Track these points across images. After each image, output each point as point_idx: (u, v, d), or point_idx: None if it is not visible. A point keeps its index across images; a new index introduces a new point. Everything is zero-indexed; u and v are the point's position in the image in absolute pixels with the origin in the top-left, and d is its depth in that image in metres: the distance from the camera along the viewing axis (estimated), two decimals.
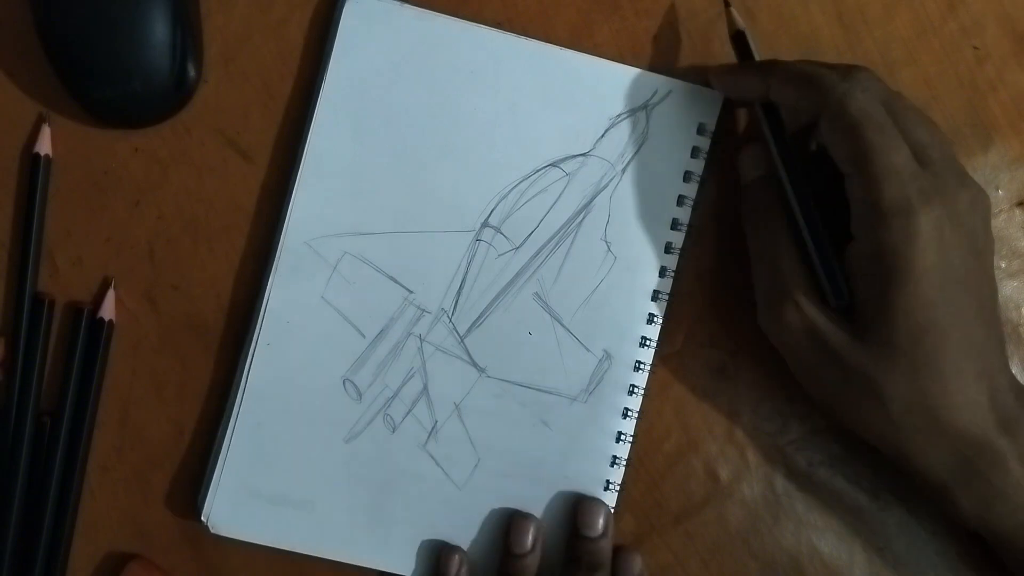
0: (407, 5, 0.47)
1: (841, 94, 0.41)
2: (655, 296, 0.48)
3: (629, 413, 0.48)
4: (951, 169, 0.42)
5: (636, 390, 0.48)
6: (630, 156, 0.48)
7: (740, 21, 0.47)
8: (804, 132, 0.46)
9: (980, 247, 0.42)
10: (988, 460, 0.41)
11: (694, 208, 0.48)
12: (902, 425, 0.42)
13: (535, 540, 0.47)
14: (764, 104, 0.45)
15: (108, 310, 0.48)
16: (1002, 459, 0.41)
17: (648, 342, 0.48)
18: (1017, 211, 0.50)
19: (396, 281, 0.48)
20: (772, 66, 0.44)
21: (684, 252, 0.49)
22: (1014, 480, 0.41)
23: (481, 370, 0.48)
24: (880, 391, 0.41)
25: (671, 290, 0.48)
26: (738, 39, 0.46)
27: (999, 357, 0.43)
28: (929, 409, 0.41)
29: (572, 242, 0.48)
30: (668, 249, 0.48)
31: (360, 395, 0.48)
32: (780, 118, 0.45)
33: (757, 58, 0.46)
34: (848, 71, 0.42)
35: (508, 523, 0.48)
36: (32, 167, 0.47)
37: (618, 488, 0.48)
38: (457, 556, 0.47)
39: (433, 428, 0.48)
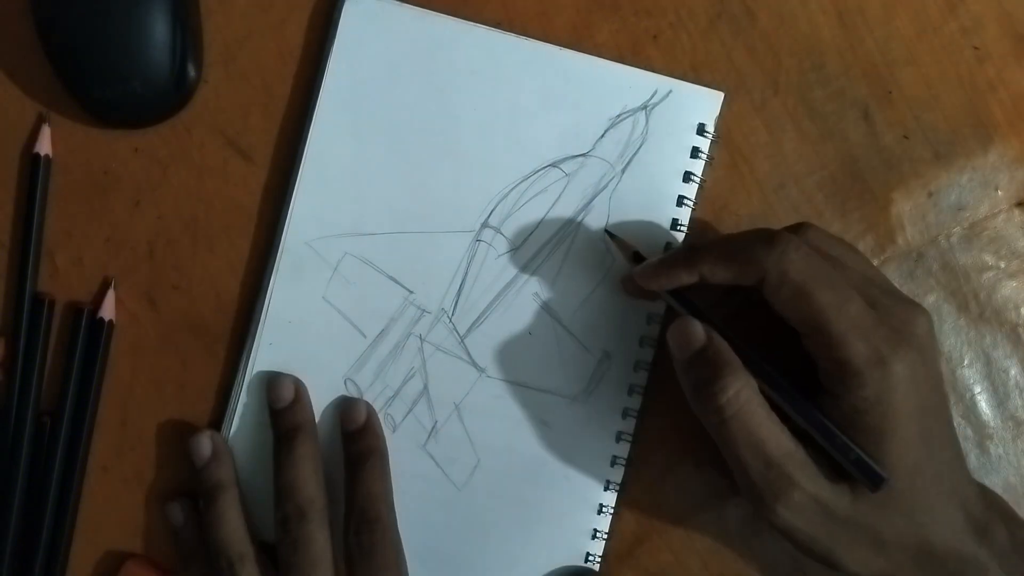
0: (407, 5, 0.47)
1: (777, 261, 0.40)
2: (655, 296, 0.48)
3: (629, 413, 0.48)
4: (894, 298, 0.42)
5: (636, 390, 0.48)
6: (630, 156, 0.48)
7: (625, 242, 0.46)
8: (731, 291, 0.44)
9: (937, 368, 0.42)
10: (972, 572, 0.42)
11: (694, 208, 0.48)
12: (898, 559, 0.42)
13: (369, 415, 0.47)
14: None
15: (108, 310, 0.48)
16: (983, 568, 0.42)
17: (648, 342, 0.48)
18: (1017, 211, 0.50)
19: (396, 281, 0.48)
20: (697, 254, 0.43)
21: None
22: None
23: (481, 370, 0.48)
24: (880, 535, 0.42)
25: None
26: (636, 258, 0.46)
27: (962, 469, 0.44)
28: (923, 541, 0.42)
29: (572, 242, 0.48)
30: (668, 249, 0.48)
31: (361, 395, 0.48)
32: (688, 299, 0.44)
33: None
34: (771, 237, 0.41)
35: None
36: (32, 167, 0.47)
37: (618, 488, 0.48)
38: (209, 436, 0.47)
39: (433, 428, 0.48)
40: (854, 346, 0.39)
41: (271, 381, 0.47)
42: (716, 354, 0.41)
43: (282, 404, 0.47)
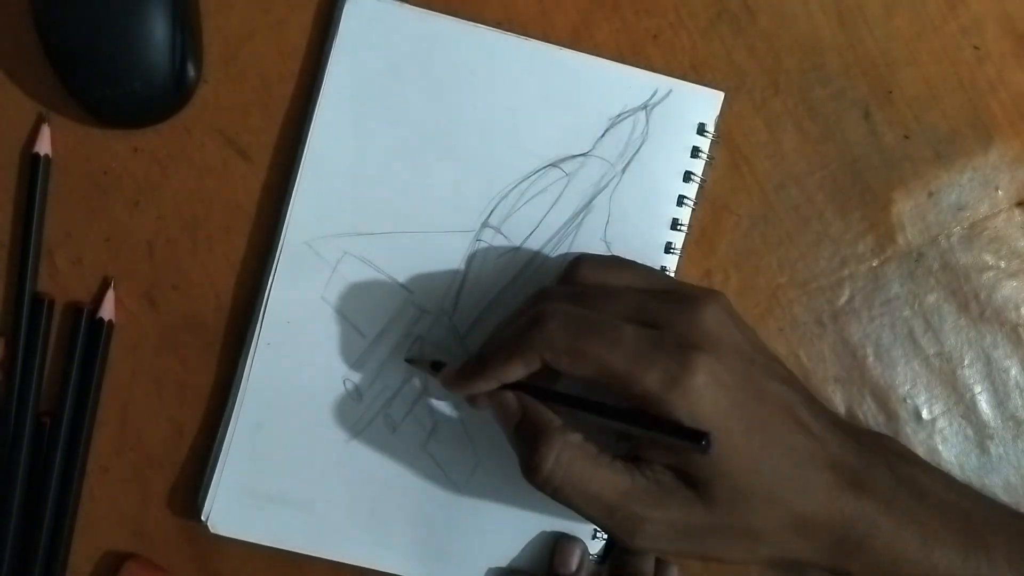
0: (407, 5, 0.47)
1: (543, 342, 0.40)
2: None
3: None
4: (672, 301, 0.41)
5: None
6: (630, 156, 0.48)
7: (422, 360, 0.47)
8: None
9: (741, 349, 0.41)
10: (859, 530, 0.41)
11: (694, 208, 0.48)
12: (779, 539, 0.41)
13: (580, 563, 0.47)
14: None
15: (108, 310, 0.48)
16: (871, 520, 0.41)
17: None
18: (1017, 211, 0.50)
19: (396, 281, 0.48)
20: (485, 364, 0.42)
21: (684, 252, 0.49)
22: (888, 535, 0.41)
23: None
24: (749, 526, 0.40)
25: None
26: (436, 366, 0.45)
27: (816, 426, 0.42)
28: (795, 515, 0.40)
29: (572, 242, 0.48)
30: (668, 249, 0.48)
31: (360, 395, 0.48)
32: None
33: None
34: (530, 321, 0.40)
35: (554, 544, 0.48)
36: (32, 167, 0.47)
37: None
38: (579, 548, 0.48)
39: (433, 428, 0.48)
40: (643, 378, 0.39)
41: (559, 545, 0.48)
42: (531, 424, 0.41)
43: (566, 572, 0.47)
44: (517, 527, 0.48)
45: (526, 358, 0.41)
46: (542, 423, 0.41)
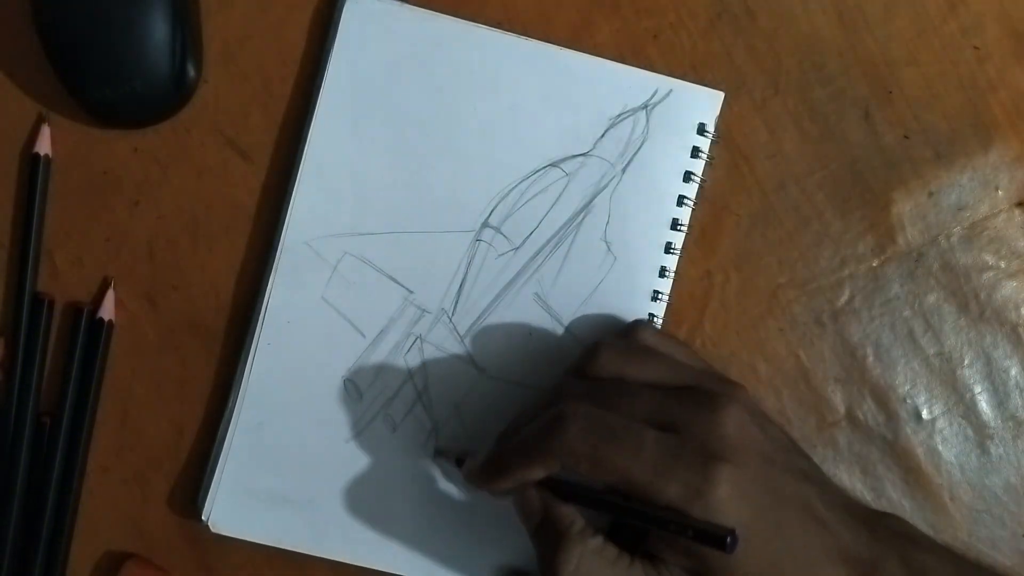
0: (407, 5, 0.47)
1: (562, 448, 0.40)
2: (655, 296, 0.48)
3: None
4: (692, 402, 0.41)
5: None
6: (630, 156, 0.48)
7: (448, 450, 0.47)
8: None
9: (766, 446, 0.41)
10: None
11: (694, 208, 0.48)
12: None
13: None
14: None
15: (108, 310, 0.48)
16: None
17: None
18: (1017, 211, 0.50)
19: (396, 281, 0.48)
20: (506, 464, 0.42)
21: (684, 252, 0.49)
22: None
23: (481, 370, 0.48)
24: None
25: (671, 290, 0.48)
26: (459, 462, 0.46)
27: (830, 520, 0.42)
28: None
29: (572, 242, 0.48)
30: (668, 249, 0.48)
31: (360, 395, 0.48)
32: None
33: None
34: (549, 424, 0.40)
35: None
36: (32, 167, 0.47)
37: None
38: None
39: (433, 428, 0.48)
40: (665, 490, 0.39)
41: None
42: (552, 526, 0.41)
43: None
44: (517, 527, 0.48)
45: (546, 462, 0.41)
46: (563, 525, 0.41)
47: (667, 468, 0.39)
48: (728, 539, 0.37)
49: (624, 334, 0.46)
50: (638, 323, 0.47)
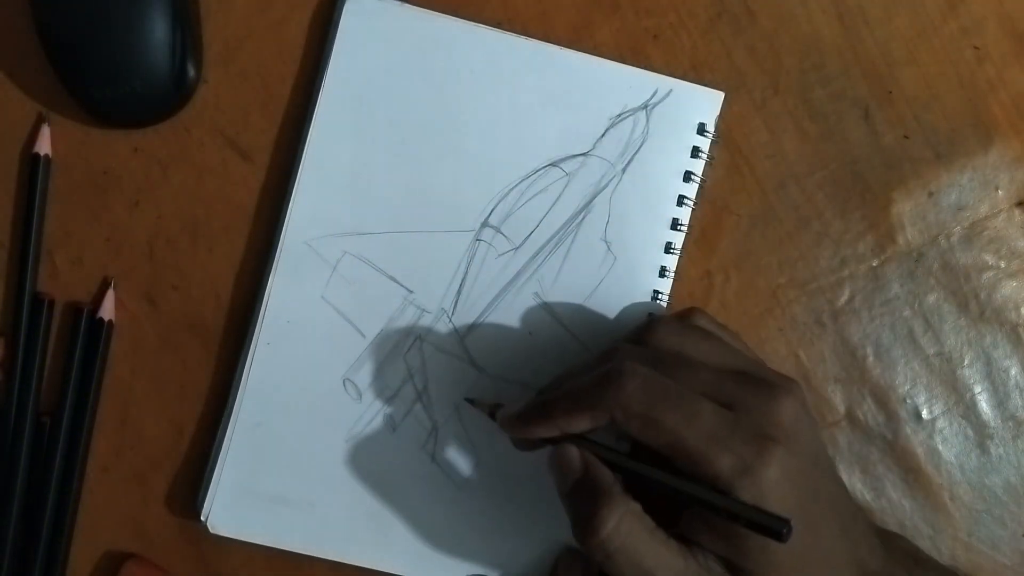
0: (407, 5, 0.47)
1: (617, 401, 0.39)
2: (655, 296, 0.48)
3: None
4: (753, 386, 0.40)
5: None
6: (630, 156, 0.48)
7: (483, 402, 0.46)
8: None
9: (812, 449, 0.41)
10: None
11: (694, 208, 0.48)
12: None
13: None
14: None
15: (108, 310, 0.48)
16: None
17: None
18: (1017, 211, 0.50)
19: (396, 281, 0.48)
20: (549, 410, 0.41)
21: (684, 252, 0.49)
22: None
23: (481, 370, 0.48)
24: None
25: (671, 290, 0.48)
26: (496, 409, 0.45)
27: (855, 530, 0.42)
28: None
29: (572, 242, 0.48)
30: (668, 249, 0.48)
31: (360, 395, 0.48)
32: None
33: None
34: (607, 375, 0.40)
35: (556, 559, 0.48)
36: (32, 167, 0.47)
37: None
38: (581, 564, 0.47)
39: (433, 428, 0.48)
40: (716, 461, 0.38)
41: (561, 561, 0.47)
42: (593, 484, 0.40)
43: None
44: (517, 526, 0.48)
45: (596, 413, 0.40)
46: (604, 485, 0.40)
47: (721, 439, 0.38)
48: (784, 530, 0.37)
49: (681, 316, 0.45)
50: (694, 308, 0.46)
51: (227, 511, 0.47)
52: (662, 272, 0.48)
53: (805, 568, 0.40)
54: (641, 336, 0.43)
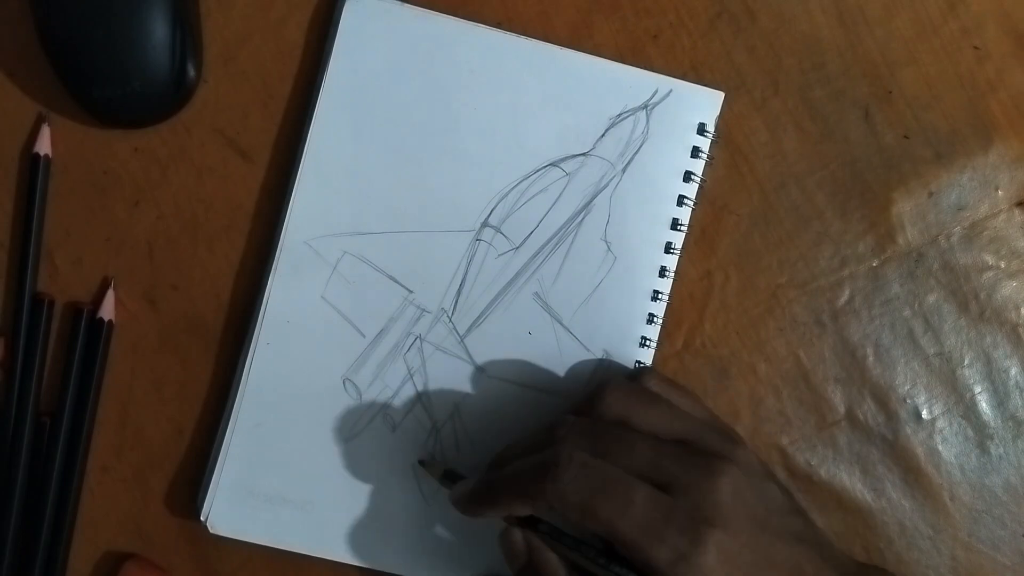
0: (407, 5, 0.47)
1: (554, 492, 0.39)
2: (655, 296, 0.48)
3: None
4: (689, 462, 0.40)
5: None
6: (630, 156, 0.48)
7: (435, 464, 0.47)
8: None
9: (760, 509, 0.41)
10: None
11: (694, 208, 0.48)
12: None
13: None
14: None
15: (108, 310, 0.48)
16: None
17: (648, 342, 0.48)
18: (1017, 211, 0.50)
19: (396, 281, 0.48)
20: (496, 494, 0.42)
21: (684, 252, 0.49)
22: None
23: (481, 370, 0.48)
24: None
25: (671, 290, 0.48)
26: (449, 476, 0.46)
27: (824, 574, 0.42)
28: None
29: (572, 242, 0.48)
30: (668, 249, 0.48)
31: (360, 394, 0.48)
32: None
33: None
34: (544, 464, 0.40)
35: None
36: (32, 167, 0.47)
37: None
38: None
39: (433, 428, 0.48)
40: (651, 550, 0.38)
41: None
42: (536, 570, 0.42)
43: None
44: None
45: (536, 504, 0.41)
46: (548, 571, 0.41)
47: (656, 528, 0.38)
48: None
49: (631, 377, 0.46)
50: (646, 368, 0.47)
51: (227, 511, 0.47)
52: (662, 272, 0.48)
53: None
54: (591, 402, 0.43)
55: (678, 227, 0.48)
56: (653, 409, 0.43)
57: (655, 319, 0.48)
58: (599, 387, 0.43)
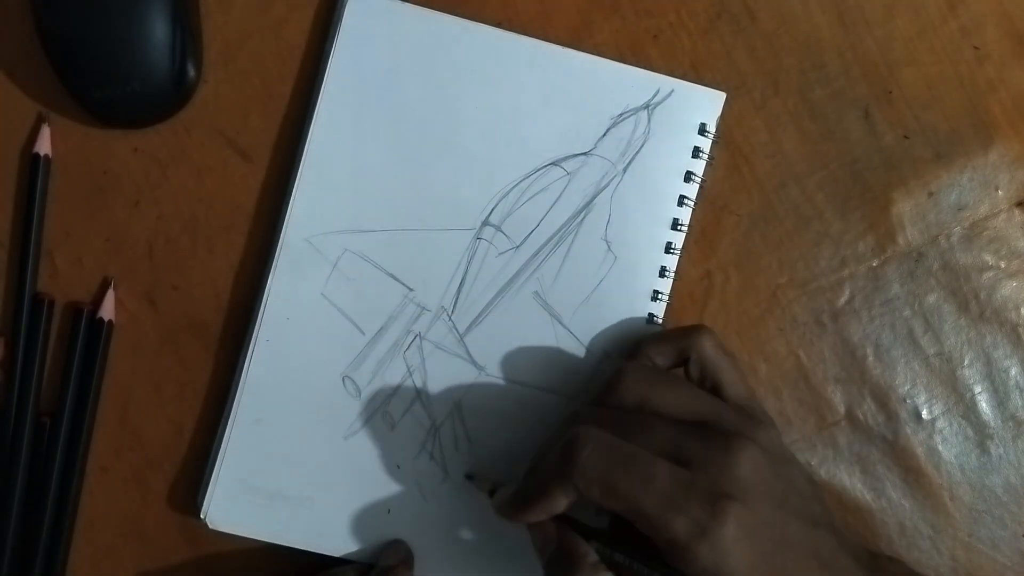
0: (408, 4, 0.47)
1: (574, 476, 0.39)
2: (655, 296, 0.48)
3: None
4: (710, 439, 0.40)
5: None
6: (631, 156, 0.48)
7: (484, 478, 0.47)
8: None
9: (778, 487, 0.41)
10: None
11: (694, 208, 0.48)
12: None
13: None
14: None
15: (108, 310, 0.48)
16: None
17: None
18: (1017, 211, 0.50)
19: (396, 279, 0.48)
20: (531, 498, 0.42)
21: (684, 252, 0.49)
22: None
23: (480, 369, 0.48)
24: None
25: (671, 290, 0.48)
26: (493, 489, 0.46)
27: (838, 559, 0.42)
28: None
29: (572, 241, 0.48)
30: (668, 249, 0.48)
31: (359, 392, 0.48)
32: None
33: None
34: (567, 453, 0.40)
35: None
36: (32, 167, 0.47)
37: None
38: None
39: (432, 426, 0.48)
40: (672, 524, 0.38)
41: None
42: (565, 556, 0.41)
43: None
44: (516, 525, 0.48)
45: (564, 488, 0.40)
46: (576, 556, 0.41)
47: (676, 501, 0.38)
48: None
49: (687, 330, 0.45)
50: (703, 329, 0.46)
51: (226, 508, 0.47)
52: (662, 272, 0.48)
53: None
54: (608, 386, 0.43)
55: (678, 227, 0.48)
56: (671, 391, 0.43)
57: (655, 319, 0.48)
58: (617, 371, 0.43)
